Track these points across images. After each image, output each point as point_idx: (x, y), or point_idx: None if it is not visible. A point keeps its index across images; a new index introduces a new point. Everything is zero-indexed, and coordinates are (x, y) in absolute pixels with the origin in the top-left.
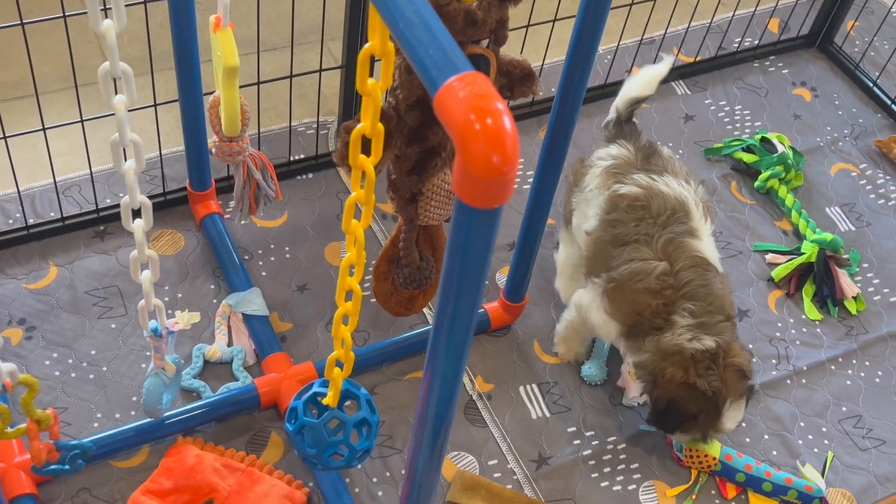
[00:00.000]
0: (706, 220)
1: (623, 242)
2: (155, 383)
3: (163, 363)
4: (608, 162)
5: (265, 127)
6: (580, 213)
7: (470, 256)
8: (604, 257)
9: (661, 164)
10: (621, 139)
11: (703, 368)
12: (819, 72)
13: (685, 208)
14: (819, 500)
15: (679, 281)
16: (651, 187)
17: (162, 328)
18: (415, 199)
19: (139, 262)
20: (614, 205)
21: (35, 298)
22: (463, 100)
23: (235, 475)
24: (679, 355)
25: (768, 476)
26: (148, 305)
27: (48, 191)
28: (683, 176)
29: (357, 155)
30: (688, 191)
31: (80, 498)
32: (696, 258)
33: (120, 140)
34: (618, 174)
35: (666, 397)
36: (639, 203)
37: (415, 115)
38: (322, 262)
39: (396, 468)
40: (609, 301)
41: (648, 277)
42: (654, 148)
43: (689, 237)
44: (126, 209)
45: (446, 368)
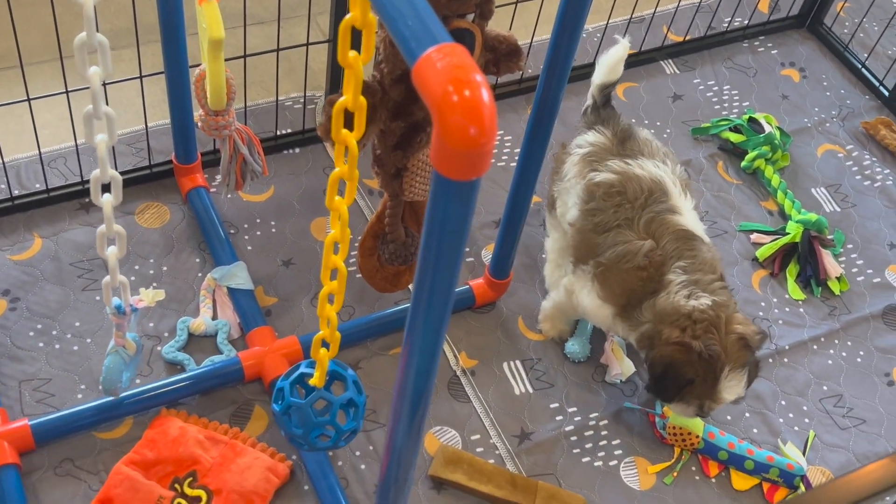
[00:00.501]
0: (686, 196)
1: (605, 229)
2: (115, 361)
3: (124, 341)
4: (585, 149)
5: (252, 101)
6: (562, 202)
7: (448, 228)
8: (588, 245)
9: (637, 146)
10: (599, 125)
11: (702, 330)
12: (808, 53)
13: (662, 188)
14: (800, 479)
15: (666, 251)
16: (626, 172)
17: (126, 305)
18: (400, 175)
19: (106, 237)
20: (591, 194)
21: (19, 270)
22: (441, 71)
23: (218, 447)
24: (676, 314)
25: (750, 454)
26: (113, 282)
27: (33, 162)
28: (660, 156)
29: (339, 129)
30: (664, 170)
31: (63, 468)
32: (680, 231)
33: (94, 112)
34: (594, 162)
35: (662, 360)
36: (614, 189)
37: (399, 89)
38: (308, 237)
39: (379, 443)
40: (600, 285)
41: (636, 257)
42: (630, 131)
43: (670, 214)
44: (96, 183)
45: (425, 341)
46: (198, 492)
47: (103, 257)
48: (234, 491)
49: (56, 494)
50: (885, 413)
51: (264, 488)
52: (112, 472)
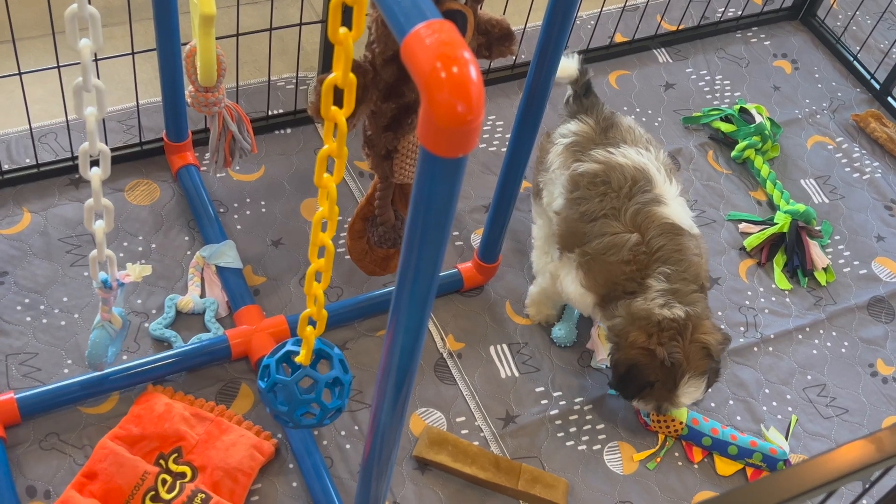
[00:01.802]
0: (670, 182)
1: (592, 218)
2: (101, 336)
3: (110, 315)
4: (569, 139)
5: (244, 80)
6: (548, 192)
7: (434, 206)
8: (574, 234)
9: (620, 134)
10: (582, 114)
11: (667, 338)
12: (800, 44)
13: (646, 176)
14: (783, 463)
15: (651, 247)
16: (609, 161)
17: (112, 280)
18: (390, 156)
19: (93, 211)
20: (576, 184)
21: (8, 244)
22: (429, 47)
23: (204, 424)
24: (646, 320)
25: (734, 440)
26: (100, 256)
27: (24, 137)
28: (643, 143)
29: (329, 106)
30: (648, 158)
31: (48, 442)
32: (666, 224)
33: (83, 85)
34: (577, 152)
35: (626, 361)
36: (599, 179)
37: (391, 69)
38: (297, 218)
39: (365, 423)
40: (584, 274)
41: (622, 250)
42: (612, 119)
43: (655, 205)
44: (84, 156)
45: (410, 319)
46: (183, 468)
47: (91, 231)
48: (219, 468)
49: (41, 468)
50: (868, 403)
51: (249, 465)
52: (97, 447)
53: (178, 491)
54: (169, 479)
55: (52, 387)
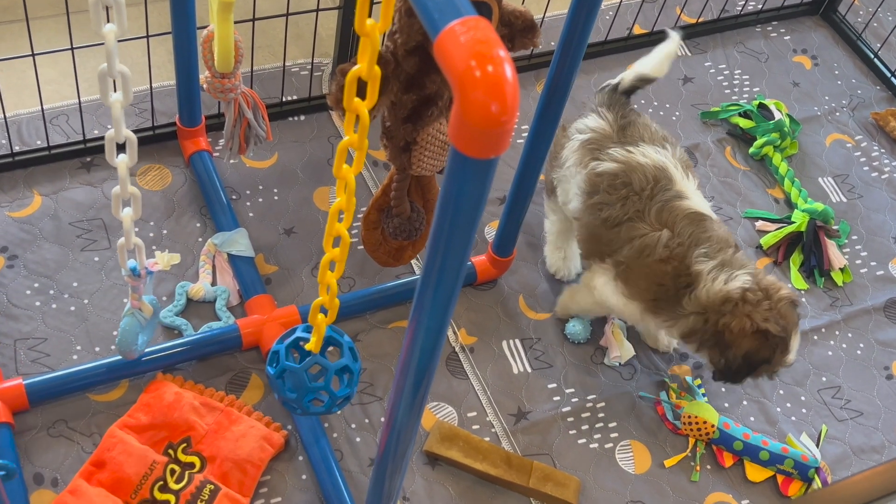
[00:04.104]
0: (688, 177)
1: (616, 224)
2: (131, 323)
3: (140, 303)
4: (585, 135)
5: (258, 65)
6: (563, 189)
7: (462, 207)
8: (598, 240)
9: (637, 132)
10: (604, 107)
11: (766, 310)
12: (821, 40)
13: (666, 174)
14: (815, 470)
15: (683, 237)
16: (628, 161)
17: (141, 268)
18: (409, 148)
19: (121, 198)
20: (595, 185)
21: (18, 227)
22: (464, 45)
23: (214, 414)
24: (730, 303)
25: (765, 445)
26: (128, 244)
27: (35, 118)
28: (660, 140)
29: (352, 98)
30: (665, 155)
31: (56, 429)
32: (690, 214)
33: (108, 71)
34: (594, 150)
35: (740, 353)
36: (619, 181)
37: (413, 61)
38: (310, 206)
39: (376, 416)
40: (624, 284)
41: (655, 249)
42: (630, 117)
43: (677, 200)
44: (111, 143)
45: (432, 319)
46: (191, 458)
47: (118, 218)
48: (228, 458)
49: (48, 455)
50: (883, 406)
51: (258, 457)
52: (106, 436)
53: (187, 481)
54: (178, 470)
55: (60, 373)
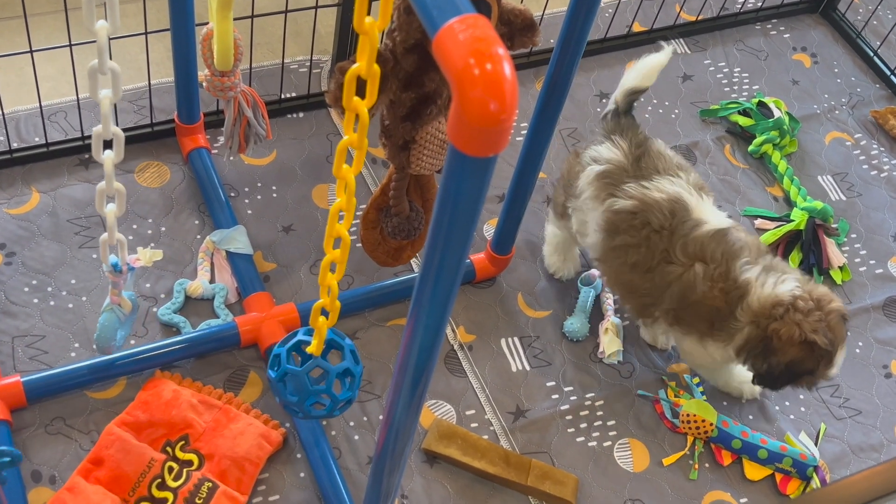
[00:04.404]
0: (702, 198)
1: (646, 270)
2: (110, 319)
3: (119, 299)
4: (601, 167)
5: (257, 63)
6: (578, 220)
7: (461, 205)
8: (636, 291)
9: (651, 163)
10: (618, 134)
11: (815, 321)
12: (820, 38)
13: (682, 205)
14: (813, 469)
15: (717, 260)
16: (644, 198)
17: (122, 264)
18: (407, 147)
19: (105, 194)
20: (614, 225)
21: (16, 224)
22: (463, 43)
23: (212, 412)
24: (780, 307)
25: (764, 444)
26: (111, 240)
27: (33, 115)
28: (674, 170)
29: (351, 97)
30: (680, 185)
31: (54, 427)
32: (713, 234)
33: (98, 67)
34: (610, 184)
35: (785, 360)
36: (637, 220)
37: (412, 59)
38: (309, 204)
39: (374, 414)
40: (680, 327)
41: (696, 286)
42: (645, 146)
43: (697, 228)
44: (98, 139)
45: (430, 318)
46: (189, 455)
47: (102, 214)
48: (227, 456)
49: (46, 452)
50: (881, 405)
51: (256, 455)
52: (104, 433)
53: (185, 479)
54: (176, 467)
55: (58, 370)
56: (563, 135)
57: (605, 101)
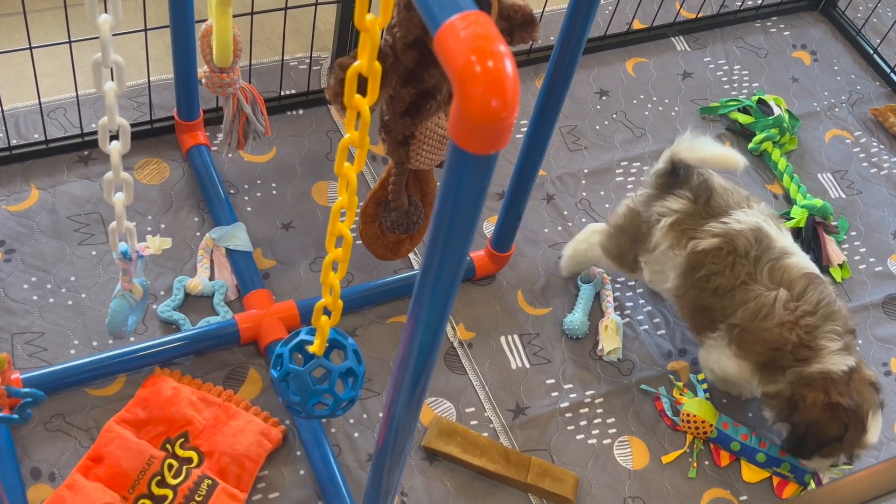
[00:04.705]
0: (782, 231)
1: (727, 291)
2: (121, 304)
3: (130, 285)
4: (672, 217)
5: (257, 59)
6: (652, 270)
7: (462, 202)
8: (709, 310)
9: (722, 201)
10: (677, 188)
11: (842, 386)
12: (820, 35)
13: (764, 233)
14: (811, 475)
15: (810, 304)
16: (727, 232)
17: (132, 251)
18: (407, 142)
19: (113, 184)
20: (699, 263)
21: (15, 220)
22: (464, 40)
23: (211, 409)
24: (821, 379)
25: (763, 447)
26: (119, 228)
27: (33, 112)
28: (745, 201)
29: (352, 94)
30: (756, 215)
31: (53, 423)
32: (807, 275)
33: (102, 60)
34: (687, 230)
35: (807, 421)
36: (724, 251)
37: (412, 55)
38: (309, 201)
39: (374, 411)
40: (738, 346)
41: (774, 310)
42: (708, 187)
43: (785, 258)
44: (103, 130)
45: (431, 315)
46: (189, 453)
47: (110, 203)
48: (226, 454)
49: (46, 450)
50: None
51: (256, 452)
52: (103, 430)
53: (185, 476)
54: (175, 465)
55: (58, 367)
56: (564, 132)
57: (605, 99)
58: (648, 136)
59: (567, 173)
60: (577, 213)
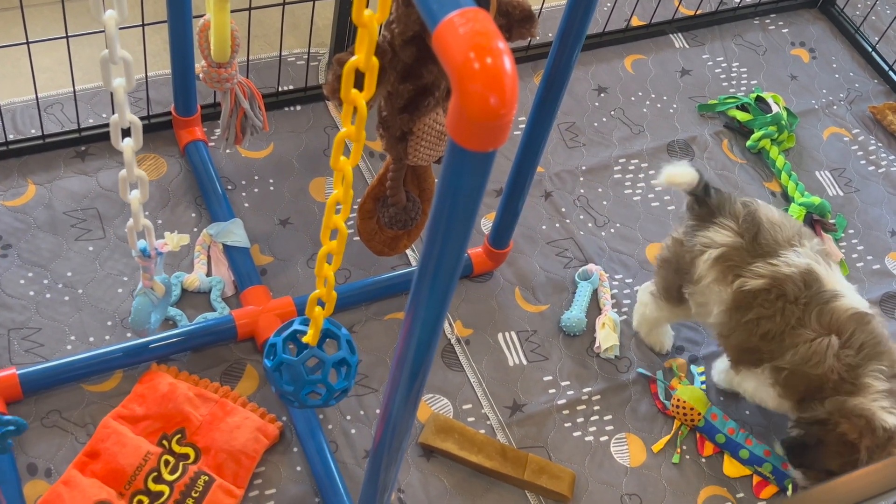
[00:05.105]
0: (831, 267)
1: (775, 335)
2: (143, 302)
3: (152, 283)
4: (717, 251)
5: (254, 55)
6: (697, 303)
7: (460, 200)
8: (755, 351)
9: (771, 237)
10: (720, 217)
11: (877, 447)
12: (819, 33)
13: (815, 276)
14: (790, 480)
15: (855, 344)
16: (775, 275)
17: (151, 249)
18: (405, 138)
19: (128, 181)
20: (746, 304)
21: (12, 216)
22: (463, 36)
23: (208, 405)
24: (863, 419)
25: (748, 444)
26: (137, 226)
27: (30, 107)
28: (795, 239)
29: (349, 89)
30: (806, 255)
31: (50, 419)
32: (855, 316)
33: (110, 57)
34: (733, 266)
35: (823, 441)
36: (772, 295)
37: (410, 51)
38: (306, 197)
39: (371, 408)
40: (783, 387)
41: (826, 358)
42: (755, 220)
43: (835, 301)
44: (115, 128)
45: (428, 312)
46: (186, 449)
47: (126, 201)
48: (223, 450)
49: (42, 445)
50: None
51: (253, 448)
52: (100, 426)
53: (181, 472)
54: (172, 461)
55: (55, 363)
56: (562, 129)
57: (604, 96)
58: (647, 134)
59: (565, 170)
60: (574, 210)
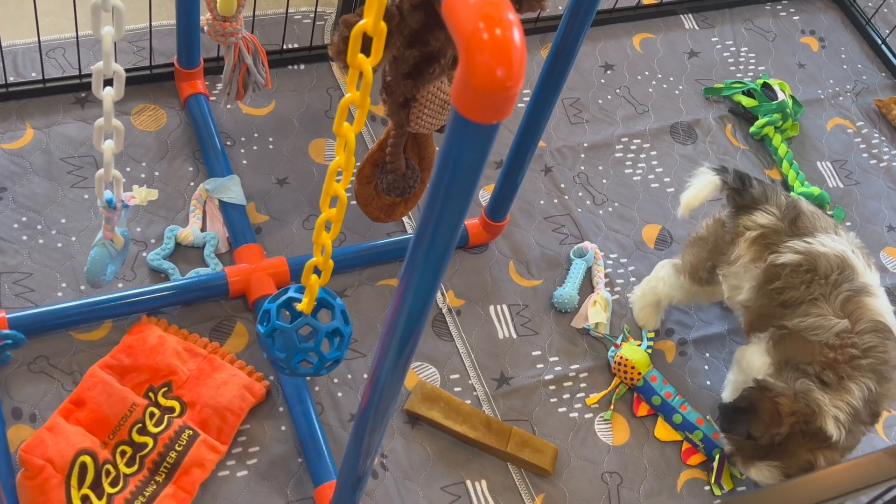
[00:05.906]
0: (870, 268)
1: (795, 303)
2: (101, 253)
3: (112, 234)
4: (757, 231)
5: (260, 11)
6: (730, 285)
7: (460, 171)
8: (769, 316)
9: (809, 222)
10: (764, 204)
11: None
12: (829, 22)
13: (849, 264)
14: (719, 451)
15: (861, 342)
16: (810, 251)
17: (117, 201)
18: (408, 105)
19: (104, 130)
20: (775, 275)
21: (8, 159)
22: (473, 5)
23: (196, 360)
24: (810, 410)
25: (683, 409)
26: (107, 175)
27: (31, 50)
28: (832, 229)
29: (356, 53)
30: (843, 244)
31: (37, 365)
32: (878, 323)
33: (102, 4)
34: (770, 244)
35: (754, 402)
36: (803, 268)
37: (418, 16)
38: (305, 158)
39: (359, 372)
40: (774, 344)
41: (827, 332)
42: (796, 208)
43: (866, 296)
44: (98, 76)
45: (422, 281)
46: (171, 402)
47: (99, 150)
48: (209, 405)
49: (28, 390)
50: None
51: (239, 405)
52: (87, 375)
53: (166, 425)
54: (157, 413)
55: (44, 309)
56: (566, 104)
57: (610, 73)
58: (650, 114)
59: (566, 146)
60: (574, 187)
